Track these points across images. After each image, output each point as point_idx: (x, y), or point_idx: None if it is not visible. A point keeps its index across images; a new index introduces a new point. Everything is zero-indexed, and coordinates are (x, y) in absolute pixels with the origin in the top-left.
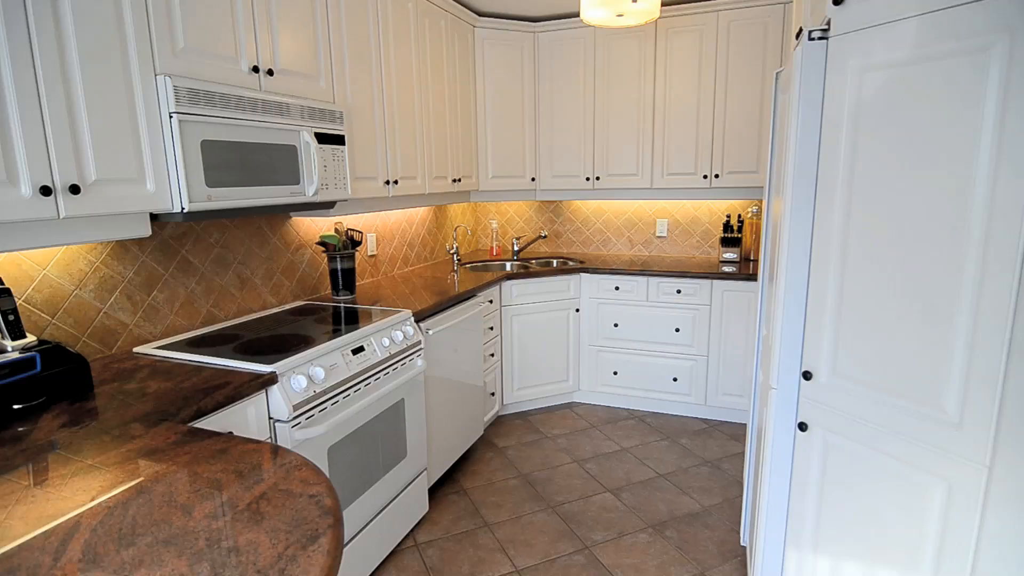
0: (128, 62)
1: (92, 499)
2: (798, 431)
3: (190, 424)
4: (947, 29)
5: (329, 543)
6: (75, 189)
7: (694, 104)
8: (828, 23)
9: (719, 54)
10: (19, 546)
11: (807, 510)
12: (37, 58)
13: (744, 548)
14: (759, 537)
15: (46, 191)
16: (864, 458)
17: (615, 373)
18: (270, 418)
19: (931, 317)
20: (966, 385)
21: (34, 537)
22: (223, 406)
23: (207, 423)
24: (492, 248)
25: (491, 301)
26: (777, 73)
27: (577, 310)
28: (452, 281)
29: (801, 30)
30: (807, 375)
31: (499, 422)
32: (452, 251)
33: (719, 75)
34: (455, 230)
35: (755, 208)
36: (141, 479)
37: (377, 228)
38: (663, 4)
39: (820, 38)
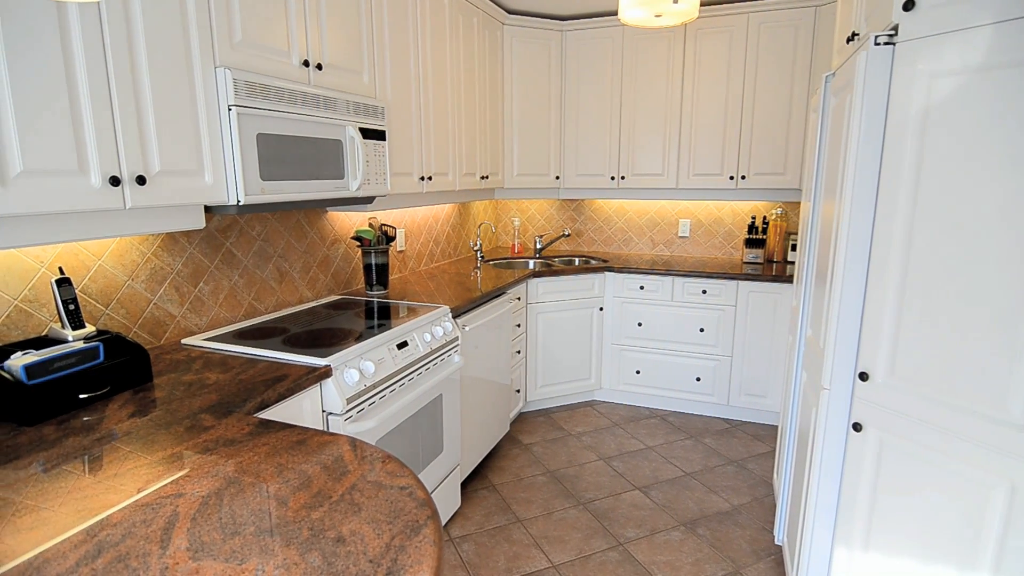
0: (191, 55)
1: (182, 488)
2: (851, 431)
3: (256, 415)
4: None
5: (433, 534)
6: (141, 180)
7: (722, 105)
8: (895, 28)
9: (748, 56)
10: (122, 534)
11: (858, 509)
12: (108, 51)
13: (779, 547)
14: (805, 535)
15: (115, 181)
16: (922, 458)
17: (638, 372)
18: (323, 411)
19: (998, 320)
20: None
21: (134, 525)
22: (284, 398)
23: (266, 415)
24: (514, 245)
25: (519, 298)
26: (827, 76)
27: (601, 309)
28: (476, 278)
29: (854, 34)
30: (863, 376)
31: (522, 419)
32: (476, 248)
33: (748, 77)
34: (479, 227)
35: (779, 210)
36: (227, 469)
37: (405, 224)
38: None
39: (886, 43)
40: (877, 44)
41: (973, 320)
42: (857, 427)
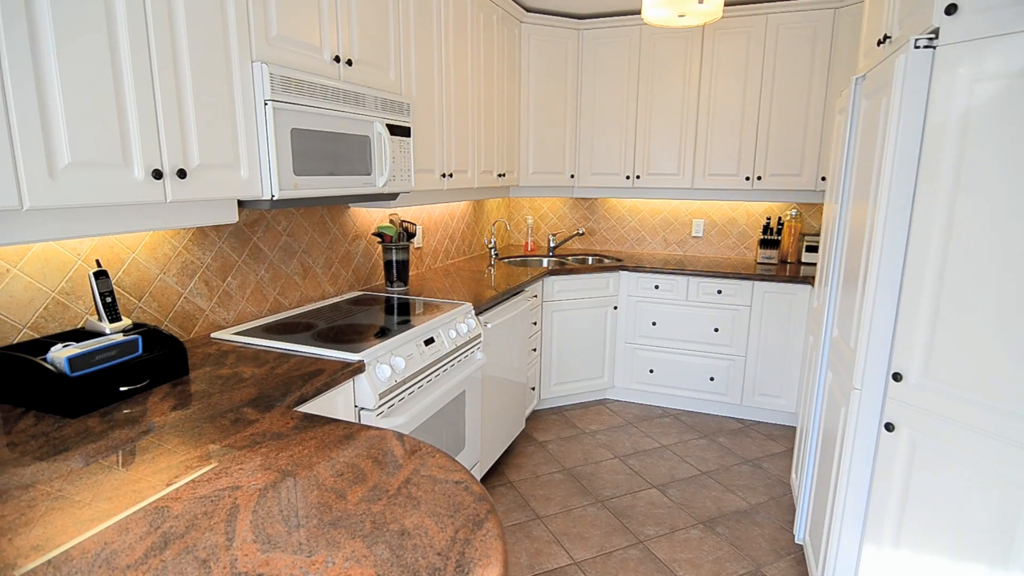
0: (229, 48)
1: (237, 481)
2: (883, 431)
3: (297, 410)
4: None
5: (496, 528)
6: (182, 173)
7: (738, 106)
8: (935, 32)
9: (766, 57)
10: (185, 526)
11: (889, 507)
12: (152, 43)
13: (799, 546)
14: (832, 534)
15: (157, 175)
16: (955, 457)
17: (651, 371)
18: (356, 406)
19: None
20: None
21: (196, 518)
22: (321, 392)
23: (304, 410)
24: (527, 243)
25: (535, 296)
26: (856, 78)
27: (615, 307)
28: (492, 275)
29: (886, 36)
30: (896, 376)
31: (536, 416)
32: (490, 245)
33: (765, 77)
34: (493, 225)
35: (794, 211)
36: (280, 462)
37: (422, 221)
38: None
39: (926, 46)
40: (917, 47)
41: (1010, 322)
42: (889, 427)
